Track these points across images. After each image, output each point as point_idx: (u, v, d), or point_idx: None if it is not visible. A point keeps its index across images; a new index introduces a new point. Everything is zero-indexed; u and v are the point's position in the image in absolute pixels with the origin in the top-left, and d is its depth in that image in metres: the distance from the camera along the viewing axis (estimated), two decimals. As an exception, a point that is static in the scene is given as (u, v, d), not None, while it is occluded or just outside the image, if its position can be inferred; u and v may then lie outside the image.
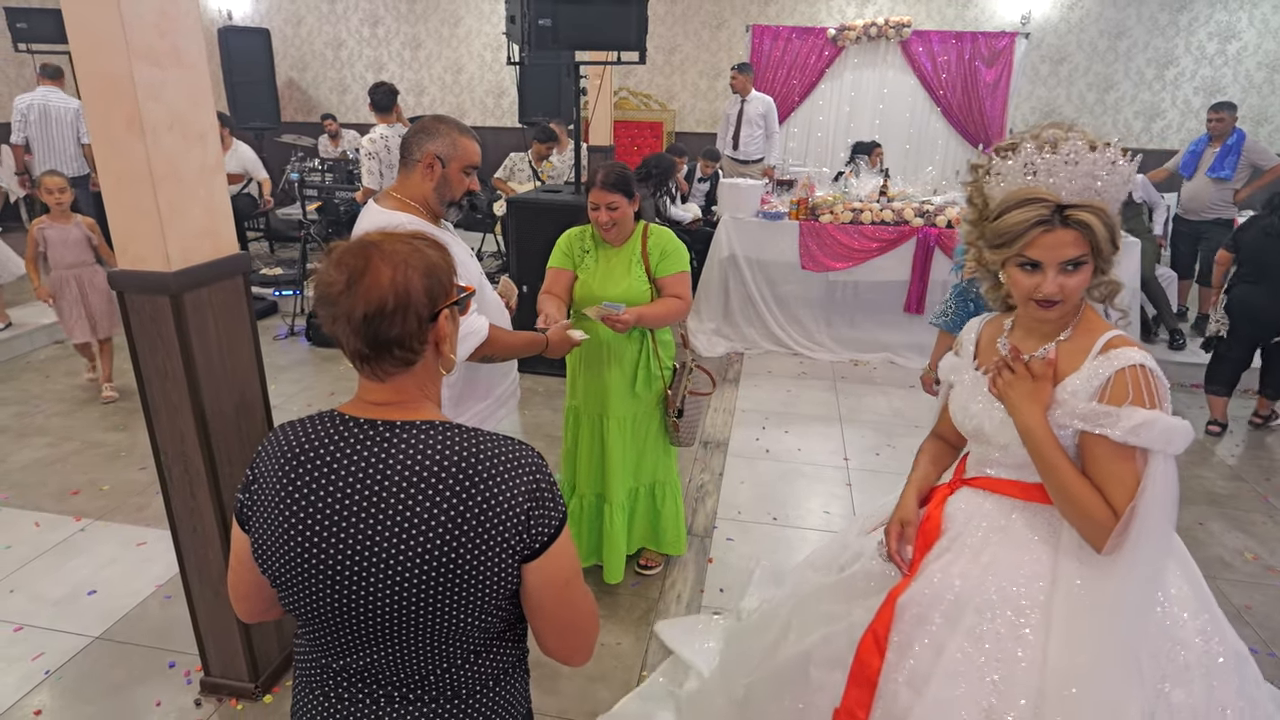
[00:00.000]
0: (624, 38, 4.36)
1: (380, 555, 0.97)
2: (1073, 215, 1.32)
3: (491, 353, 2.03)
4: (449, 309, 1.05)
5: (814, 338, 5.43)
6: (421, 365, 1.04)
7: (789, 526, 3.29)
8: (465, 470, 0.98)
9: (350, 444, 1.01)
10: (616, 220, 2.52)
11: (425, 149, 1.99)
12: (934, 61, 7.65)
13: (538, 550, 1.01)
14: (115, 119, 1.81)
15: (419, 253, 1.02)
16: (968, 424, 1.54)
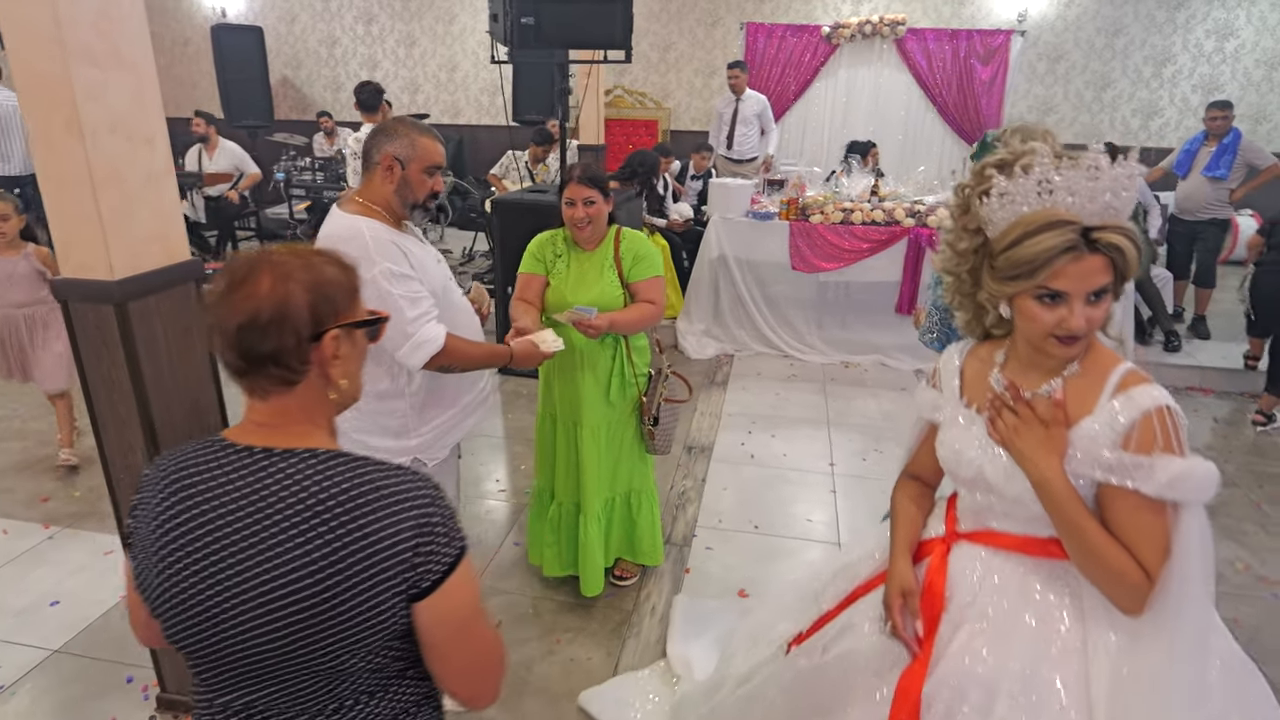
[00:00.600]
0: (609, 36, 4.29)
1: (253, 591, 0.91)
2: (1101, 238, 1.16)
3: (449, 363, 1.96)
4: (341, 331, 0.98)
5: (804, 339, 5.36)
6: (305, 388, 0.98)
7: (770, 535, 3.23)
8: (343, 504, 0.92)
9: (226, 472, 0.96)
10: (593, 217, 2.45)
11: (384, 151, 1.93)
12: (929, 59, 7.57)
13: (426, 589, 0.95)
14: (53, 121, 1.74)
15: (311, 268, 0.96)
16: (963, 471, 1.36)
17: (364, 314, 1.04)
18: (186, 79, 9.98)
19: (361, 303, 1.04)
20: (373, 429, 2.03)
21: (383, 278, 1.84)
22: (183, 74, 9.97)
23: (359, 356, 1.05)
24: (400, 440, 2.05)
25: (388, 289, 1.84)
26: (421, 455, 2.07)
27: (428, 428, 2.07)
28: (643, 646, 2.56)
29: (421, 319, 1.89)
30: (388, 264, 1.85)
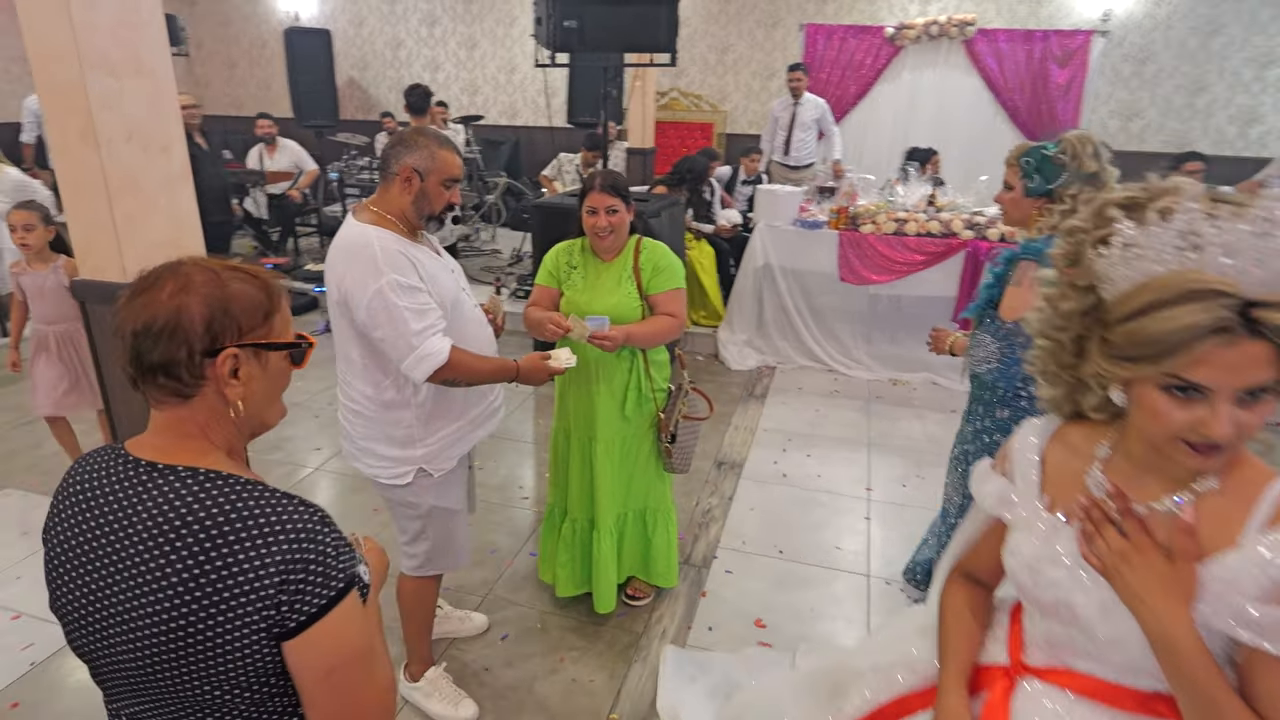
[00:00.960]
0: (653, 39, 4.23)
1: (117, 608, 0.91)
2: (1265, 319, 0.86)
3: (453, 377, 1.93)
4: (242, 351, 0.95)
5: (851, 354, 5.19)
6: (201, 403, 0.96)
7: (795, 561, 3.11)
8: (208, 529, 0.89)
9: (112, 483, 0.95)
10: (615, 226, 2.39)
11: (403, 162, 1.92)
12: (1000, 61, 7.26)
13: (293, 629, 0.90)
14: (69, 129, 1.78)
15: (218, 282, 0.94)
16: (1042, 594, 1.06)
17: (278, 338, 1.01)
18: (261, 80, 10.34)
19: (279, 326, 1.01)
20: (379, 438, 2.03)
21: (389, 289, 1.82)
22: (259, 76, 10.33)
23: (271, 380, 1.02)
24: (406, 450, 2.03)
25: (394, 301, 1.83)
26: (427, 466, 2.05)
27: (434, 439, 2.05)
28: (649, 672, 2.49)
29: (426, 332, 1.86)
30: (395, 275, 1.84)
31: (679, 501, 3.35)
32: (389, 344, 1.86)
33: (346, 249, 1.89)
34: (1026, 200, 2.17)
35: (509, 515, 3.41)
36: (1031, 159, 2.14)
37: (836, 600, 2.88)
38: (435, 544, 2.16)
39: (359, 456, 2.07)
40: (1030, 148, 2.16)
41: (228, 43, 10.36)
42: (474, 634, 2.64)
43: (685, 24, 8.35)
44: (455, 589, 2.87)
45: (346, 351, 1.99)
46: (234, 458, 1.01)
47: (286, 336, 1.03)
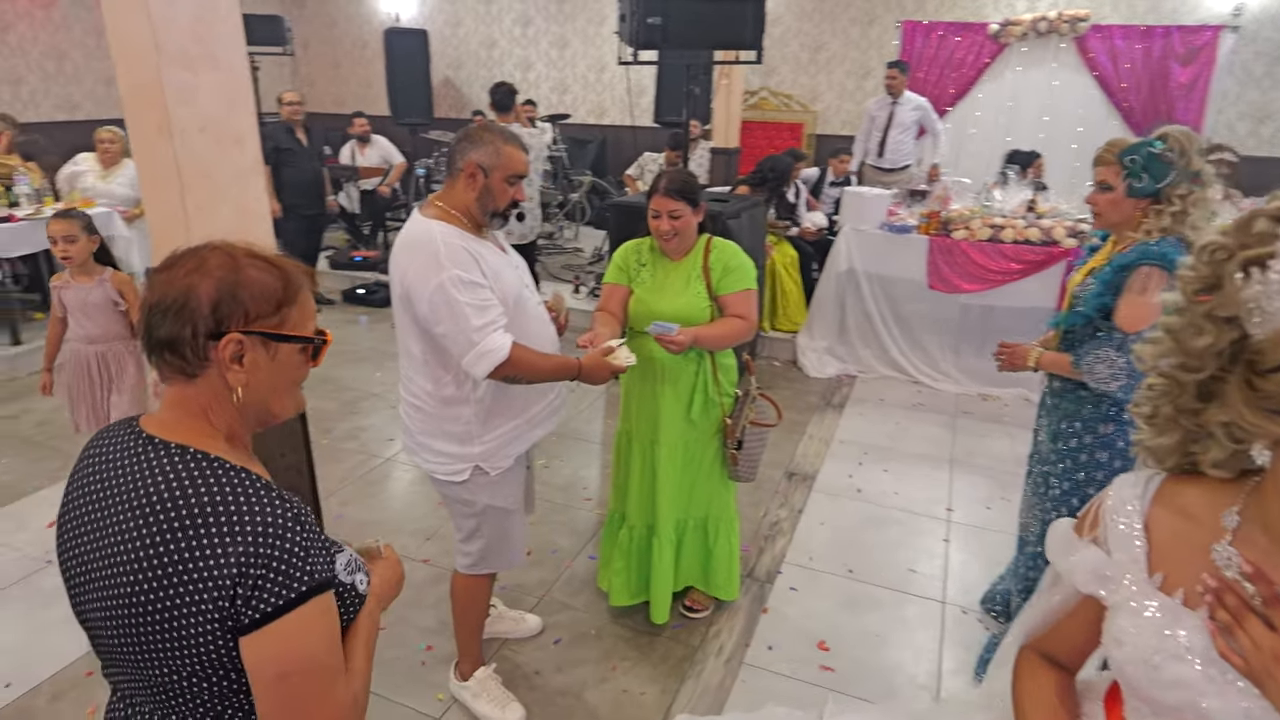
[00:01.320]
0: (738, 36, 4.12)
1: (96, 575, 0.94)
2: None
3: (514, 374, 1.90)
4: (246, 338, 0.95)
5: (938, 365, 4.94)
6: (205, 384, 0.96)
7: (865, 582, 2.95)
8: (179, 511, 0.89)
9: (119, 454, 0.97)
10: (679, 230, 2.33)
11: (468, 158, 1.91)
12: (1115, 60, 6.78)
13: (247, 625, 0.88)
14: (148, 122, 1.83)
15: (233, 266, 0.95)
16: (1163, 695, 0.88)
17: (292, 330, 0.99)
18: (362, 79, 10.73)
19: (294, 319, 1.00)
20: (437, 433, 2.02)
21: (450, 284, 1.81)
22: (360, 75, 10.72)
23: (279, 372, 1.00)
24: (463, 447, 2.01)
25: (454, 296, 1.81)
26: (484, 464, 2.03)
27: (491, 436, 2.02)
28: (701, 690, 2.40)
29: (488, 328, 1.83)
30: (456, 270, 1.82)
31: (745, 511, 3.24)
32: (450, 339, 1.84)
33: (410, 243, 1.89)
34: (1129, 202, 2.00)
35: (571, 516, 3.37)
36: (1138, 156, 1.96)
37: (907, 627, 2.71)
38: (489, 543, 2.13)
39: (417, 451, 2.08)
40: (1133, 144, 1.98)
41: (332, 43, 10.79)
42: (527, 636, 2.61)
43: (778, 22, 8.17)
44: (512, 588, 2.85)
45: (408, 346, 1.98)
46: (233, 443, 1.00)
47: (304, 331, 1.01)
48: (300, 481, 2.35)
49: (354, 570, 1.05)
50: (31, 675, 2.41)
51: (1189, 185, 1.95)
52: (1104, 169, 2.03)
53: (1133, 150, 1.97)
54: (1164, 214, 1.97)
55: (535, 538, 3.17)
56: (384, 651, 2.53)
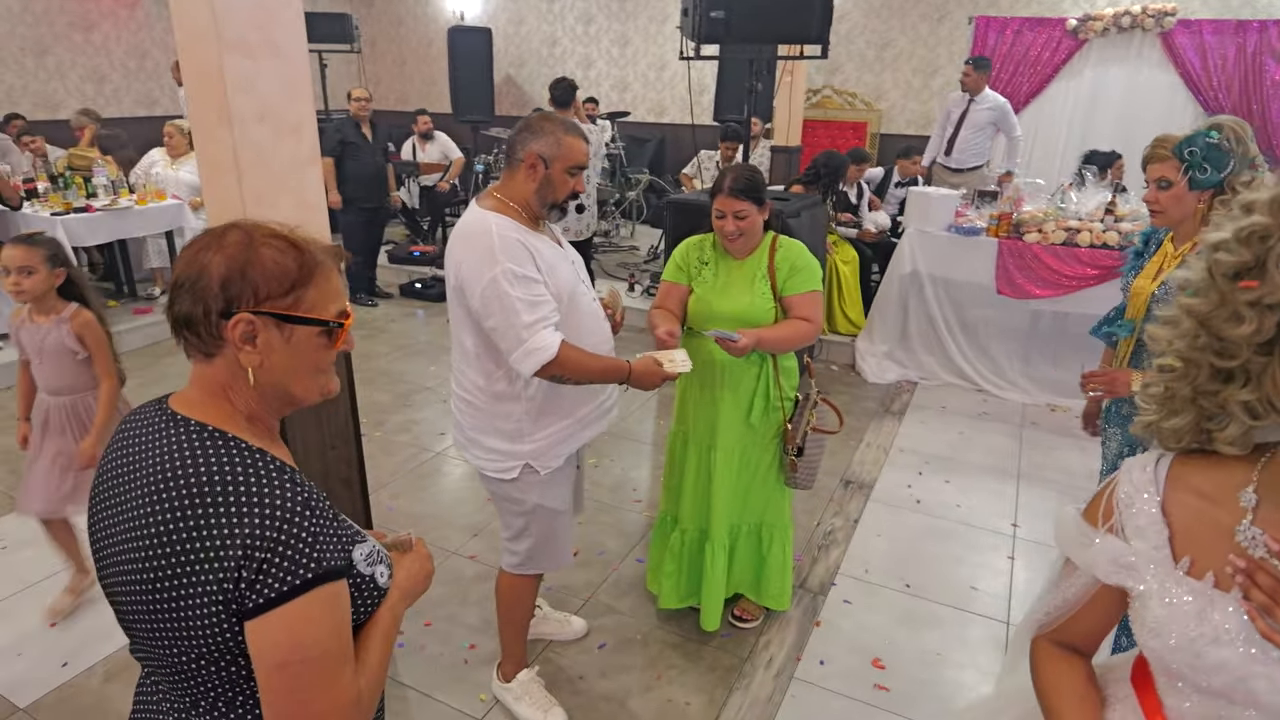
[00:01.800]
0: (804, 30, 4.01)
1: (114, 551, 0.94)
2: None
3: (561, 374, 1.84)
4: (258, 318, 0.92)
5: (1004, 374, 4.73)
6: (222, 362, 0.95)
7: (923, 598, 2.82)
8: (189, 488, 0.88)
9: (145, 429, 0.97)
10: (744, 230, 2.25)
11: (529, 148, 1.86)
12: (1204, 56, 6.43)
13: (250, 610, 0.86)
14: (209, 109, 1.84)
15: (247, 244, 0.93)
16: (1209, 679, 0.87)
17: (309, 312, 0.96)
18: (427, 77, 10.89)
19: (311, 300, 0.96)
20: (488, 429, 1.98)
21: (503, 278, 1.76)
22: (425, 72, 10.89)
23: (296, 355, 0.97)
24: (514, 444, 1.97)
25: (506, 290, 1.76)
26: (534, 462, 1.98)
27: (542, 434, 1.98)
28: (750, 703, 2.31)
29: (537, 325, 1.78)
30: (510, 264, 1.77)
31: (799, 519, 3.14)
32: (499, 334, 1.80)
33: (465, 235, 1.85)
34: (1191, 195, 1.94)
35: (620, 517, 3.32)
36: (1195, 148, 1.89)
37: (967, 647, 2.58)
38: (537, 543, 2.09)
39: (467, 446, 2.05)
40: (1188, 137, 1.91)
41: (399, 42, 10.98)
42: (571, 639, 2.56)
43: (844, 18, 7.99)
44: (558, 589, 2.81)
45: (461, 339, 1.95)
46: (254, 424, 0.99)
47: (322, 313, 0.97)
48: (350, 473, 2.35)
49: (375, 562, 1.02)
50: (87, 655, 2.46)
51: (1250, 172, 1.89)
52: (1160, 165, 1.97)
53: (1189, 143, 1.90)
54: (1232, 204, 1.86)
55: (583, 538, 3.13)
56: (427, 648, 2.52)
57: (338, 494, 2.30)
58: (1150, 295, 2.04)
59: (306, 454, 2.17)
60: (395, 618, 1.05)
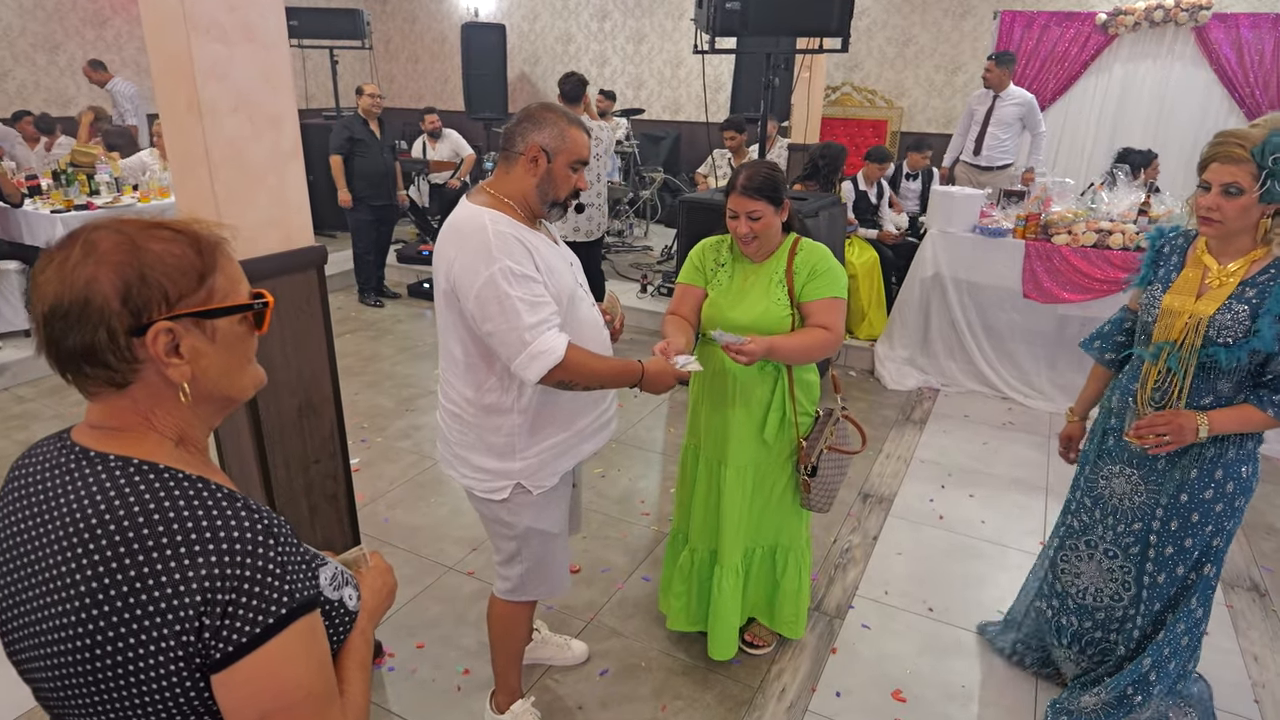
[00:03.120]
0: (824, 22, 3.84)
1: (30, 617, 0.79)
2: None
3: (568, 379, 1.68)
4: (179, 323, 0.79)
5: (1031, 381, 4.53)
6: (141, 387, 0.81)
7: (947, 623, 2.65)
8: (124, 535, 0.74)
9: (46, 476, 0.82)
10: (758, 232, 2.09)
11: (530, 140, 1.70)
12: (1240, 51, 6.18)
13: (218, 661, 0.74)
14: (178, 98, 1.70)
15: (130, 246, 0.77)
16: None
17: (223, 301, 0.83)
18: (440, 74, 10.80)
19: (223, 287, 0.83)
20: (476, 445, 1.82)
21: (501, 277, 1.60)
22: (439, 70, 10.79)
23: (226, 351, 0.85)
24: (504, 462, 1.81)
25: (505, 290, 1.60)
26: (526, 481, 1.83)
27: (535, 450, 1.82)
28: (760, 739, 2.16)
29: (541, 326, 1.63)
30: (508, 262, 1.61)
31: (815, 535, 2.97)
32: (499, 338, 1.64)
33: (457, 232, 1.69)
34: (1259, 208, 1.71)
35: (626, 531, 3.16)
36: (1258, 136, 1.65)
37: (997, 679, 2.40)
38: (530, 568, 1.93)
39: (453, 464, 1.88)
40: (1272, 141, 1.64)
41: (413, 39, 10.89)
42: (571, 664, 2.41)
43: (864, 14, 7.80)
44: (558, 609, 2.66)
45: (449, 347, 1.79)
46: (186, 447, 0.86)
47: (237, 297, 0.85)
48: (336, 489, 2.21)
49: (341, 585, 0.91)
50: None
51: None
52: (1231, 167, 1.69)
53: (1276, 147, 1.64)
54: None
55: (586, 554, 2.98)
56: (419, 671, 2.38)
57: (323, 511, 2.16)
58: (1206, 320, 1.80)
59: (289, 469, 2.04)
60: (367, 642, 0.96)
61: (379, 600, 1.04)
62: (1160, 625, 2.06)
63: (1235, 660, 2.51)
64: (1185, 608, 2.02)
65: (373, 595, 1.02)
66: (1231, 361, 1.79)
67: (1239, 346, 1.76)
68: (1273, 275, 1.75)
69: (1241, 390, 1.84)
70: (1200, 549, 1.97)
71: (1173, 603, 2.04)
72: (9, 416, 4.08)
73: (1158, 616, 2.07)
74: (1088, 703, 2.12)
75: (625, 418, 4.14)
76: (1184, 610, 2.02)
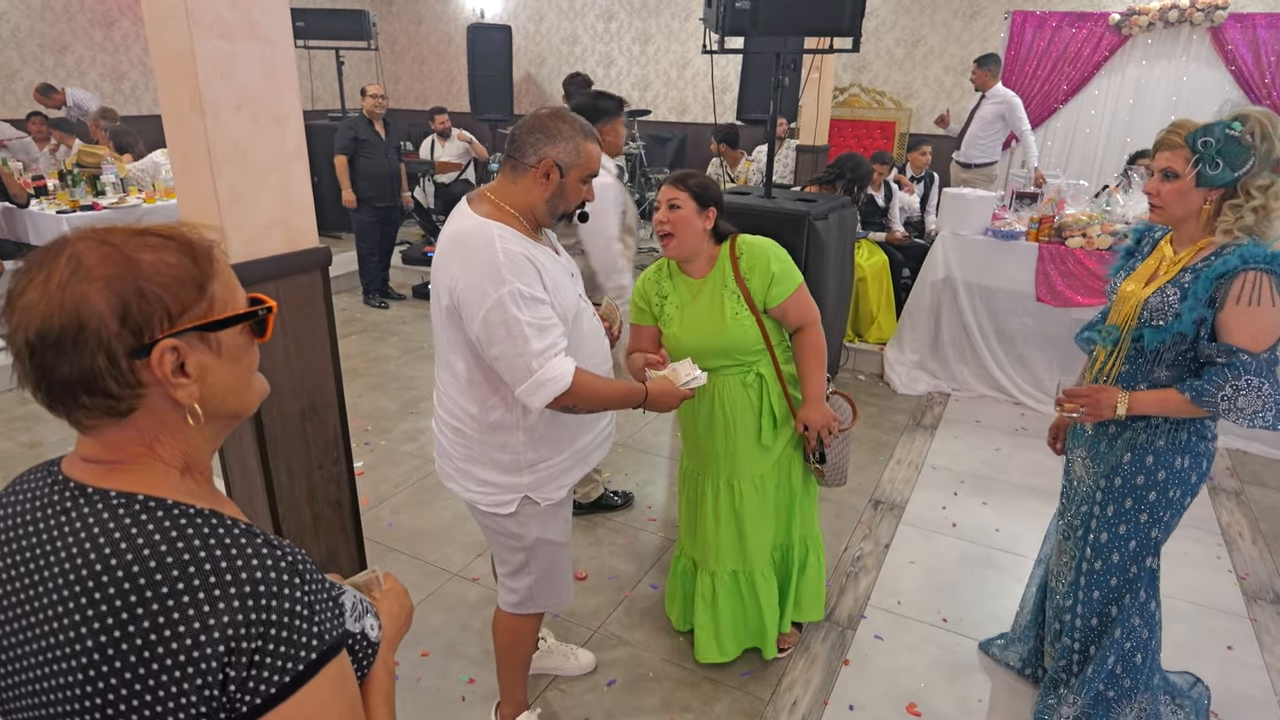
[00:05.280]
0: (835, 22, 3.78)
1: (27, 679, 0.71)
2: None
3: (575, 404, 1.63)
4: (183, 339, 0.72)
5: (1043, 386, 4.47)
6: (146, 415, 0.74)
7: (962, 634, 2.59)
8: (137, 575, 0.68)
9: (39, 509, 0.75)
10: (674, 224, 2.01)
11: (543, 153, 1.62)
12: (1257, 52, 6.11)
13: (246, 715, 0.68)
14: (181, 96, 1.66)
15: (120, 258, 0.70)
16: None
17: (224, 310, 0.77)
18: (446, 75, 10.77)
19: (222, 294, 0.77)
20: (481, 460, 1.76)
21: (510, 300, 1.53)
22: (444, 71, 10.77)
23: (232, 364, 0.79)
24: (510, 476, 1.75)
25: (514, 314, 1.53)
26: (533, 494, 1.77)
27: (543, 464, 1.76)
28: (771, 754, 2.10)
29: (548, 353, 1.56)
30: (518, 284, 1.54)
31: (825, 542, 2.92)
32: (505, 364, 1.57)
33: (463, 247, 1.59)
34: (1197, 193, 1.72)
35: (633, 537, 3.12)
36: (1211, 140, 1.66)
37: (1014, 694, 2.35)
38: (538, 579, 1.89)
39: (455, 478, 1.81)
40: (1206, 126, 1.68)
41: (419, 40, 10.87)
42: (578, 674, 2.37)
43: (873, 14, 7.74)
44: (566, 617, 2.61)
45: (450, 361, 1.72)
46: (192, 475, 0.79)
47: (238, 305, 0.79)
48: (340, 494, 2.17)
49: (362, 614, 0.86)
50: None
51: (1270, 175, 1.66)
52: (1169, 154, 1.74)
53: (1205, 132, 1.67)
54: (1243, 210, 1.68)
55: (592, 561, 2.93)
56: (423, 680, 2.33)
57: (326, 517, 2.12)
58: (1142, 302, 1.80)
59: (291, 475, 2.00)
60: (389, 673, 0.91)
61: (398, 626, 0.99)
62: (1106, 619, 2.05)
63: (1260, 676, 2.45)
64: (1134, 600, 2.00)
65: (391, 621, 0.96)
66: (1154, 343, 1.78)
67: (1164, 330, 1.76)
68: (1209, 262, 1.74)
69: (1181, 381, 1.80)
70: (1137, 538, 1.94)
71: (1116, 594, 2.02)
72: (13, 418, 4.05)
73: (1100, 608, 2.04)
74: (1066, 714, 2.09)
75: (631, 421, 4.10)
76: (1133, 603, 2.00)
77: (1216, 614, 2.73)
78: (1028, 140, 5.86)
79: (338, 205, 5.84)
